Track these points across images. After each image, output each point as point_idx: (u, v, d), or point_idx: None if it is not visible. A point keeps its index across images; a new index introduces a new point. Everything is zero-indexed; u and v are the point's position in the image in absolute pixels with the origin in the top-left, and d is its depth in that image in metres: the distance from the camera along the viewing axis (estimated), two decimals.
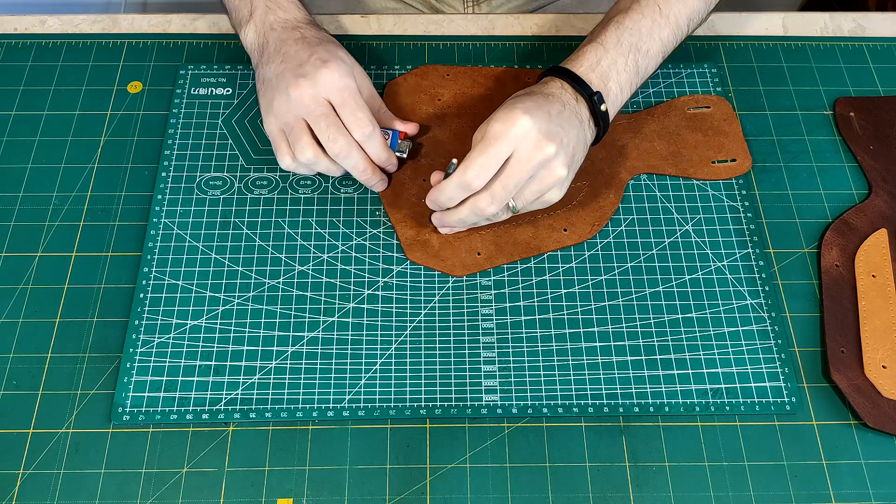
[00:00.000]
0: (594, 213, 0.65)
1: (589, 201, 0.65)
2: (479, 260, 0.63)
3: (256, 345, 0.59)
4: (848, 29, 0.77)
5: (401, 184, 0.66)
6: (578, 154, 0.60)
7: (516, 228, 0.64)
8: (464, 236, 0.64)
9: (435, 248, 0.63)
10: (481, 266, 0.63)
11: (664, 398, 0.58)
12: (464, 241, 0.64)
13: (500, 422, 0.57)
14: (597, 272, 0.63)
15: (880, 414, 0.57)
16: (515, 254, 0.63)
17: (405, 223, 0.64)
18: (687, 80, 0.73)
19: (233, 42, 0.75)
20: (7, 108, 0.70)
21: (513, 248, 0.63)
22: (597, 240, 0.64)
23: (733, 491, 0.55)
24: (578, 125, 0.59)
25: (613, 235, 0.64)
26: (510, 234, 0.64)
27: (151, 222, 0.64)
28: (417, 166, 0.67)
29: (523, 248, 0.63)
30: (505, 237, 0.64)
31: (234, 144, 0.69)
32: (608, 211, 0.65)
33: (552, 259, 0.63)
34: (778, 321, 0.61)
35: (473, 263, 0.63)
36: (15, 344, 0.59)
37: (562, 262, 0.63)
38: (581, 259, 0.63)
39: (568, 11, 0.81)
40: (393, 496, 0.55)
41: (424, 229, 0.64)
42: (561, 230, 0.64)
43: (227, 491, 0.55)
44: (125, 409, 0.57)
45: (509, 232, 0.64)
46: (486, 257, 0.63)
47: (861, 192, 0.68)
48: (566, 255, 0.64)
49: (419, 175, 0.67)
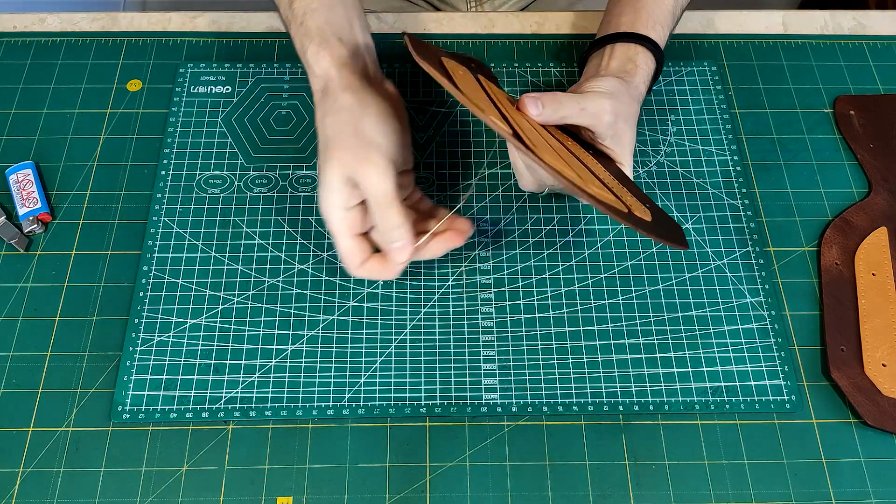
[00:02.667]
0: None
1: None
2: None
3: (256, 343, 0.59)
4: (848, 27, 0.77)
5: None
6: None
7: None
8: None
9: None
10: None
11: (664, 396, 0.58)
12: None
13: (499, 420, 0.57)
14: (597, 270, 0.63)
15: (880, 412, 0.57)
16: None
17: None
18: (687, 77, 0.73)
19: (233, 40, 0.75)
20: (6, 107, 0.70)
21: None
22: (596, 238, 0.64)
23: (733, 489, 0.55)
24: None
25: (613, 234, 0.64)
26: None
27: (151, 220, 0.64)
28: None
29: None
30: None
31: (233, 143, 0.69)
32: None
33: (552, 258, 0.63)
34: (778, 319, 0.61)
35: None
36: (15, 342, 0.59)
37: (562, 260, 0.63)
38: (581, 257, 0.63)
39: (566, 9, 0.81)
40: (393, 494, 0.55)
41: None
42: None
43: (226, 489, 0.55)
44: (125, 407, 0.57)
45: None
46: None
47: (861, 190, 0.68)
48: (566, 253, 0.64)
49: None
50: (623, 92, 0.61)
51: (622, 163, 0.62)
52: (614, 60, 0.64)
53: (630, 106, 0.61)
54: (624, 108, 0.60)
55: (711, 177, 0.68)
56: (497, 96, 0.59)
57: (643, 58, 0.64)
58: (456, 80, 0.55)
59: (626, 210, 0.54)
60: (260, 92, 0.71)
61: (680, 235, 0.58)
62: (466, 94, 0.52)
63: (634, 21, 0.65)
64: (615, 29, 0.65)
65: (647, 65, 0.64)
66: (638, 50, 0.64)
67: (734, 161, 0.69)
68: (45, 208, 0.64)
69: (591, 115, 0.59)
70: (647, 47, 0.64)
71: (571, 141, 0.61)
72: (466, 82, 0.56)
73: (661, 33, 0.66)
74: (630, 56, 0.64)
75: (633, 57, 0.64)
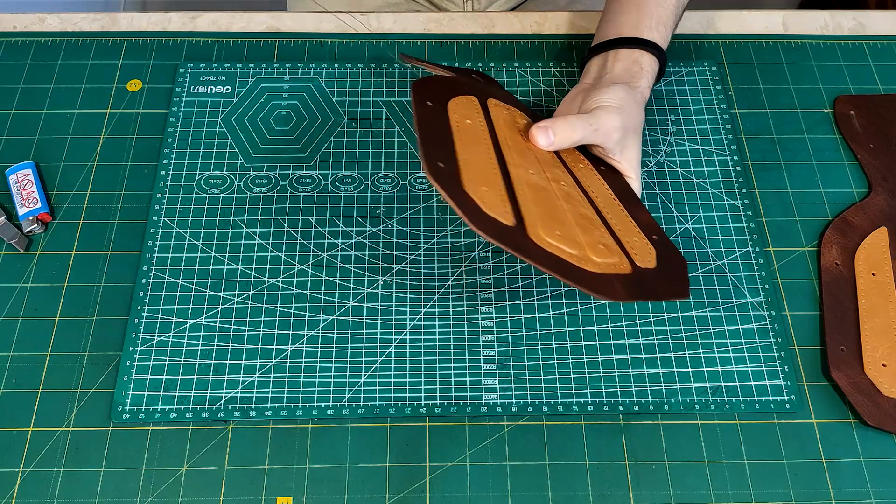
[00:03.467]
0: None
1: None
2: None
3: (256, 343, 0.59)
4: (848, 27, 0.77)
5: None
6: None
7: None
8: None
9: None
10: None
11: (664, 396, 0.58)
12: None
13: (499, 420, 0.57)
14: None
15: (880, 412, 0.57)
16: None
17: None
18: (687, 78, 0.73)
19: (233, 40, 0.75)
20: (6, 107, 0.70)
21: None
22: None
23: (733, 489, 0.55)
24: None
25: None
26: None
27: (151, 220, 0.64)
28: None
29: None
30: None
31: (233, 143, 0.69)
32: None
33: None
34: (778, 319, 0.61)
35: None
36: (15, 342, 0.59)
37: None
38: None
39: (564, 9, 0.81)
40: (393, 494, 0.55)
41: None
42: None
43: (226, 489, 0.55)
44: (125, 407, 0.57)
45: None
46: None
47: (861, 190, 0.68)
48: None
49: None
50: (630, 102, 0.61)
51: (630, 176, 0.62)
52: (619, 63, 0.64)
53: (636, 116, 0.61)
54: (632, 119, 0.61)
55: (711, 177, 0.68)
56: (502, 128, 0.59)
57: (647, 60, 0.64)
58: (457, 136, 0.56)
59: (629, 270, 0.54)
60: (260, 92, 0.71)
61: (682, 277, 0.57)
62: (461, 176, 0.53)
63: (638, 22, 0.65)
64: (617, 30, 0.65)
65: (651, 67, 0.64)
66: (643, 53, 0.64)
67: (734, 161, 0.69)
68: (45, 208, 0.64)
69: (603, 133, 0.59)
70: (651, 53, 0.64)
71: (584, 161, 0.61)
72: (468, 134, 0.57)
73: (665, 34, 0.66)
74: (635, 58, 0.64)
75: (638, 59, 0.64)
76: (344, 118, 0.70)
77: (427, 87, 0.59)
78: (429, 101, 0.57)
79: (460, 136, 0.56)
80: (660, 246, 0.58)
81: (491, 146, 0.57)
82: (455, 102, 0.59)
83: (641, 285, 0.54)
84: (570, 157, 0.61)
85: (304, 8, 0.92)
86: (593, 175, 0.61)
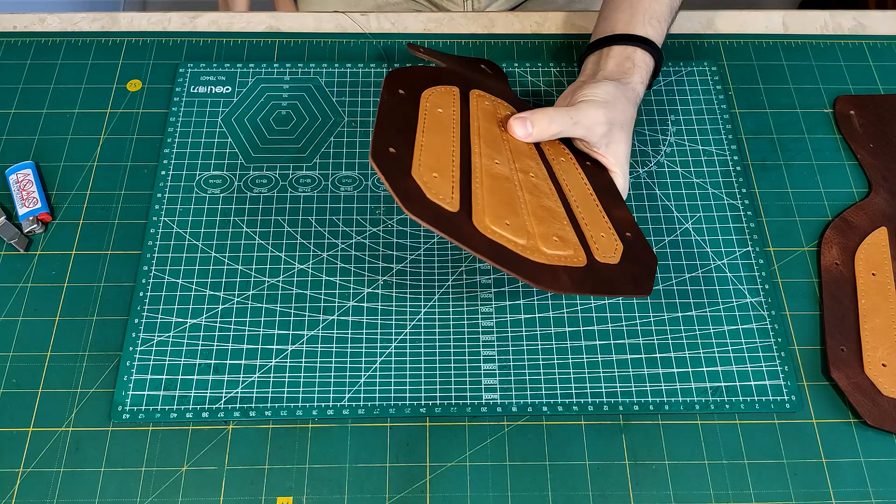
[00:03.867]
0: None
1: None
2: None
3: (256, 343, 0.59)
4: (848, 27, 0.77)
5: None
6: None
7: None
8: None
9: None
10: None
11: (664, 396, 0.58)
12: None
13: (499, 420, 0.57)
14: None
15: (880, 412, 0.57)
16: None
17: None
18: (687, 77, 0.73)
19: (233, 40, 0.75)
20: (6, 107, 0.70)
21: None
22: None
23: (733, 489, 0.55)
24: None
25: None
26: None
27: (151, 220, 0.64)
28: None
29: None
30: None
31: (233, 143, 0.69)
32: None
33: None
34: (778, 319, 0.61)
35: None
36: (15, 342, 0.59)
37: None
38: None
39: (563, 9, 0.81)
40: (393, 494, 0.55)
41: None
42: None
43: (226, 489, 0.55)
44: (125, 407, 0.57)
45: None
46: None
47: (861, 190, 0.68)
48: None
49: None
50: (619, 97, 0.61)
51: (615, 171, 0.62)
52: (611, 60, 0.64)
53: (626, 111, 0.61)
54: (619, 114, 0.60)
55: (711, 177, 0.68)
56: (479, 118, 0.60)
57: (641, 56, 0.64)
58: (422, 124, 0.57)
59: (583, 263, 0.54)
60: (260, 92, 0.71)
61: (647, 276, 0.57)
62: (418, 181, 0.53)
63: (631, 18, 0.65)
64: (611, 27, 0.65)
65: (645, 63, 0.64)
66: (635, 49, 0.64)
67: (734, 161, 0.69)
68: (45, 208, 0.64)
69: (585, 127, 0.59)
70: (644, 48, 0.64)
71: (567, 155, 0.61)
72: (435, 122, 0.58)
73: (659, 29, 0.66)
74: (627, 55, 0.64)
75: (630, 55, 0.64)
76: (344, 118, 0.70)
77: (403, 77, 0.60)
78: (401, 90, 0.58)
79: (426, 123, 0.57)
80: (630, 243, 0.58)
81: (457, 135, 0.57)
82: (431, 91, 0.60)
83: (595, 278, 0.54)
84: (552, 150, 0.61)
85: (304, 8, 0.92)
86: (573, 169, 0.61)
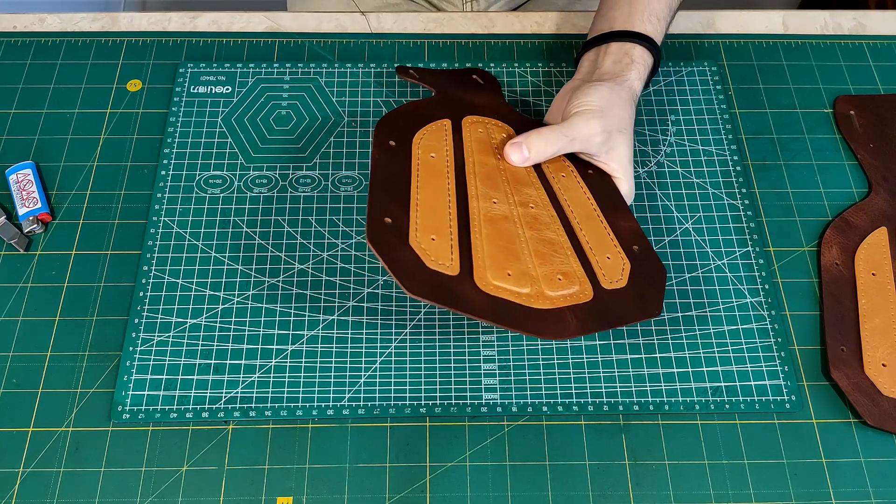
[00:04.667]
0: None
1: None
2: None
3: (256, 343, 0.59)
4: (848, 27, 0.77)
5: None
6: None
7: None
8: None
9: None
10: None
11: (664, 396, 0.58)
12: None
13: (499, 420, 0.57)
14: None
15: (880, 412, 0.57)
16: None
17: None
18: (687, 77, 0.73)
19: (233, 40, 0.75)
20: (6, 107, 0.70)
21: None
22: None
23: (733, 489, 0.55)
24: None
25: None
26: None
27: (151, 220, 0.64)
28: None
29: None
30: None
31: (233, 143, 0.69)
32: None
33: None
34: (778, 319, 0.61)
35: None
36: (15, 342, 0.59)
37: None
38: None
39: (564, 9, 0.81)
40: (393, 494, 0.55)
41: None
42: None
43: (226, 489, 0.55)
44: (125, 407, 0.57)
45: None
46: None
47: (861, 190, 0.68)
48: None
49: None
50: (614, 101, 0.60)
51: (618, 177, 0.61)
52: (609, 57, 0.64)
53: (622, 114, 0.61)
54: (616, 119, 0.60)
55: (711, 177, 0.68)
56: (473, 152, 0.60)
57: (640, 52, 0.64)
58: (415, 176, 0.57)
59: (590, 297, 0.55)
60: (260, 92, 0.71)
61: (656, 292, 0.57)
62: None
63: (629, 15, 0.65)
64: (609, 24, 0.65)
65: (643, 59, 0.64)
66: (633, 45, 0.64)
67: (734, 161, 0.69)
68: (45, 208, 0.64)
69: (581, 141, 0.59)
70: (643, 45, 0.64)
71: (568, 168, 0.61)
72: (429, 171, 0.58)
73: (658, 27, 0.65)
74: (626, 51, 0.63)
75: (628, 51, 0.63)
76: (344, 118, 0.70)
77: (391, 125, 0.60)
78: (392, 141, 0.59)
79: (421, 174, 0.58)
80: (638, 258, 0.58)
81: (452, 181, 0.58)
82: (422, 134, 0.60)
83: (603, 312, 0.55)
84: (552, 167, 0.62)
85: (304, 8, 0.92)
86: (575, 185, 0.61)
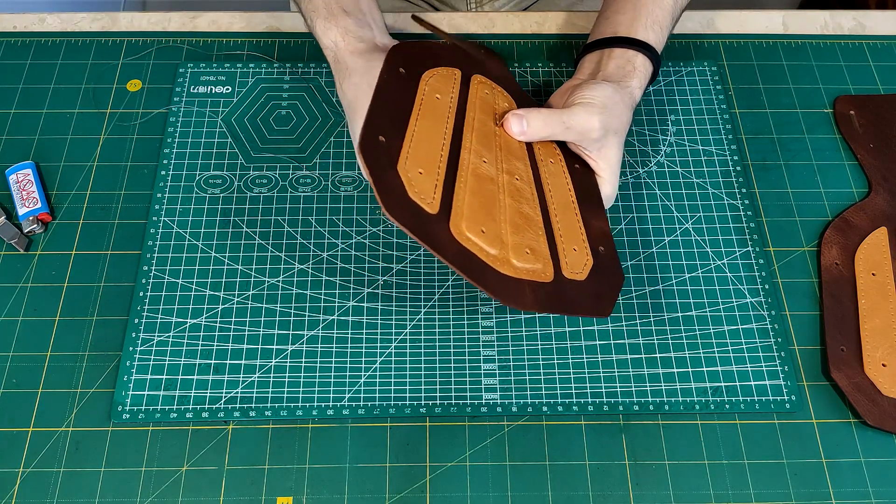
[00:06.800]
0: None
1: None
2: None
3: (256, 343, 0.59)
4: (848, 27, 0.77)
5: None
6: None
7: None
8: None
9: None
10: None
11: (664, 396, 0.58)
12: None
13: (499, 420, 0.57)
14: None
15: (880, 412, 0.57)
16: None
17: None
18: (687, 77, 0.73)
19: (233, 40, 0.75)
20: (6, 107, 0.70)
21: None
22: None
23: (733, 489, 0.55)
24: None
25: (613, 234, 0.64)
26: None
27: (151, 221, 0.64)
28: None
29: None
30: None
31: (233, 143, 0.69)
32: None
33: None
34: (778, 319, 0.61)
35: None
36: (15, 342, 0.59)
37: None
38: None
39: (566, 9, 0.81)
40: (393, 494, 0.55)
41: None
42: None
43: (226, 489, 0.55)
44: (125, 407, 0.57)
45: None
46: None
47: (861, 190, 0.68)
48: None
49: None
50: (617, 102, 0.60)
51: (602, 177, 0.61)
52: (612, 62, 0.64)
53: (622, 116, 0.61)
54: (615, 120, 0.60)
55: (711, 177, 0.68)
56: (476, 108, 0.59)
57: (641, 61, 0.64)
58: (417, 110, 0.56)
59: (549, 279, 0.54)
60: (260, 92, 0.71)
61: (611, 295, 0.57)
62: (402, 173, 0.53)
63: (633, 21, 0.65)
64: (613, 29, 0.65)
65: (645, 68, 0.64)
66: (636, 54, 0.64)
67: (734, 161, 0.69)
68: (45, 208, 0.64)
69: (577, 132, 0.59)
70: (646, 54, 0.64)
71: (557, 157, 0.61)
72: (431, 109, 0.57)
73: (660, 35, 0.65)
74: (629, 58, 0.64)
75: (631, 59, 0.64)
76: (344, 118, 0.70)
77: (406, 53, 0.59)
78: (402, 69, 0.58)
79: (422, 109, 0.56)
80: (602, 259, 0.58)
81: (451, 126, 0.57)
82: (432, 73, 0.59)
83: (559, 296, 0.54)
84: (543, 151, 0.61)
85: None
86: (560, 174, 0.60)
